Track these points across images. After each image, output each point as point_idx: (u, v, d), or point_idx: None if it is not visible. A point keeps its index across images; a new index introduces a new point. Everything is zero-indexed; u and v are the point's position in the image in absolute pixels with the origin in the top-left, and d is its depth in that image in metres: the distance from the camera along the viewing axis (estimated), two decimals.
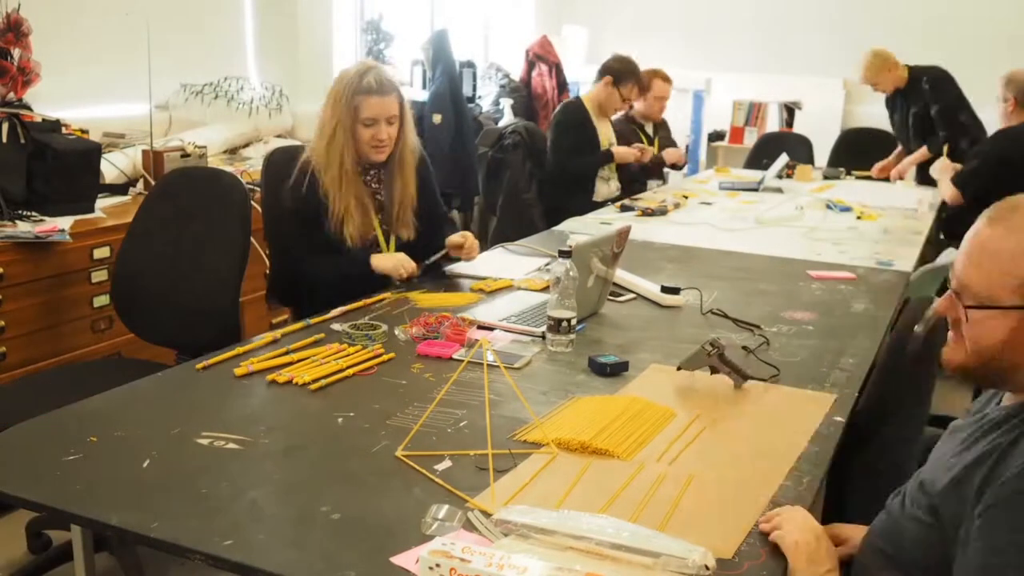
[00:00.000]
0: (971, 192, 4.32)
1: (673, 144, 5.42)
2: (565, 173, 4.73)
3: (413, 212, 2.69)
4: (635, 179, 5.07)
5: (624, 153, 4.81)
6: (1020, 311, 1.19)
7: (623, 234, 2.46)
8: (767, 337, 2.26)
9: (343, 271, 2.59)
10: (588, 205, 4.43)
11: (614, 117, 5.01)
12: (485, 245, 3.10)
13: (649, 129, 5.24)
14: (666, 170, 5.43)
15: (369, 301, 2.41)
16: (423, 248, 2.71)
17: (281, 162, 2.76)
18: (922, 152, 5.09)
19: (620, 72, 4.69)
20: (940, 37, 6.36)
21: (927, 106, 5.03)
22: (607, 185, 4.84)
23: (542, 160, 4.94)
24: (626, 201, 4.07)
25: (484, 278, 2.72)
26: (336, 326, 2.19)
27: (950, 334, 1.30)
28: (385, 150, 2.60)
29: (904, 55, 5.20)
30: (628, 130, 5.11)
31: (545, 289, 2.57)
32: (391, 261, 2.60)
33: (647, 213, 3.84)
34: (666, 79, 5.13)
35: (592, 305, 2.42)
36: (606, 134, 4.83)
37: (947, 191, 4.43)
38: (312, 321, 2.24)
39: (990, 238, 1.23)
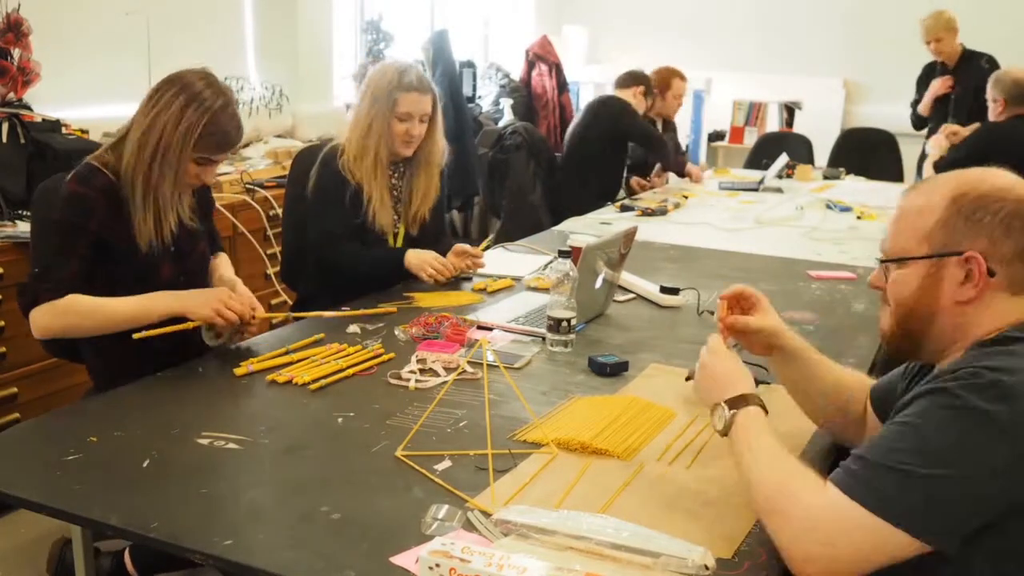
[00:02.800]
0: None
1: (678, 144, 5.43)
2: (661, 154, 4.90)
3: (428, 212, 2.74)
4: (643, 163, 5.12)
5: (692, 170, 4.95)
6: (927, 259, 1.28)
7: (630, 235, 2.46)
8: None
9: (375, 264, 2.64)
10: (596, 204, 4.43)
11: None
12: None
13: (659, 127, 5.25)
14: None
15: (379, 311, 2.38)
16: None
17: (311, 159, 2.76)
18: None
19: (646, 82, 4.85)
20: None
21: (979, 88, 4.88)
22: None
23: (546, 161, 4.94)
24: (626, 201, 4.07)
25: (486, 277, 2.73)
26: (352, 329, 2.20)
27: (881, 304, 1.39)
28: (413, 145, 2.64)
29: (904, 55, 5.21)
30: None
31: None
32: (417, 259, 2.61)
33: (647, 213, 3.84)
34: (683, 77, 5.18)
35: (599, 307, 2.42)
36: None
37: (928, 174, 4.47)
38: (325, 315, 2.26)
39: (904, 203, 1.34)
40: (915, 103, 5.68)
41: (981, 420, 1.14)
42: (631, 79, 4.85)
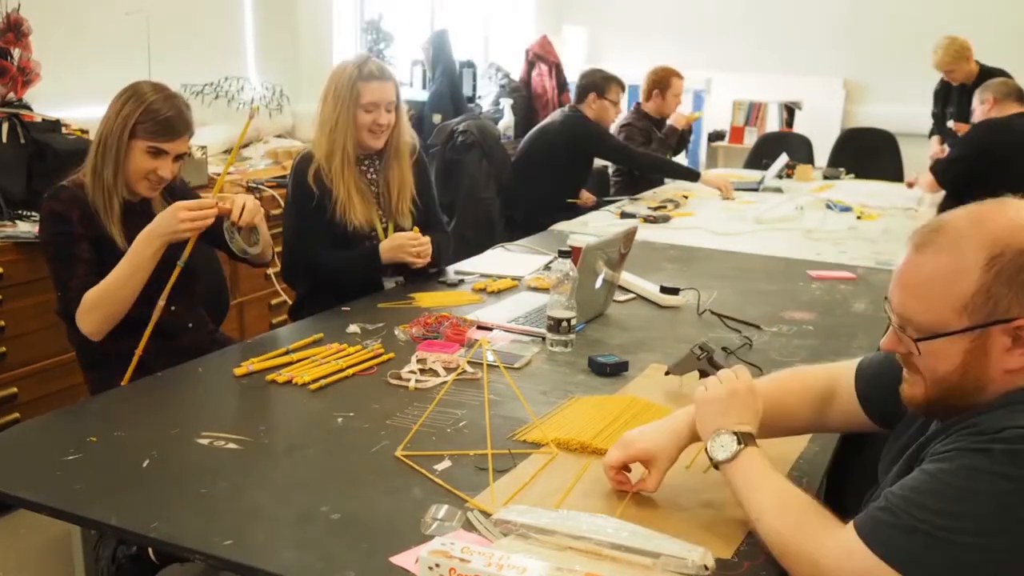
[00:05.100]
0: (949, 179, 4.36)
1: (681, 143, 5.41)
2: (639, 167, 4.82)
3: (412, 202, 2.70)
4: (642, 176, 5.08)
5: (716, 181, 4.74)
6: (970, 332, 1.15)
7: (630, 235, 2.46)
8: (751, 339, 2.24)
9: (353, 266, 2.61)
10: (546, 206, 4.37)
11: (621, 121, 5.01)
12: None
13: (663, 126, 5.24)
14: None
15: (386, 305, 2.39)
16: None
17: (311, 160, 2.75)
18: None
19: (596, 84, 4.65)
20: (939, 36, 6.35)
21: None
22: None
23: (498, 160, 4.89)
24: (627, 208, 4.06)
25: (487, 277, 2.73)
26: (352, 329, 2.20)
27: (904, 372, 1.26)
28: (382, 136, 2.62)
29: (903, 54, 5.21)
30: (646, 127, 5.09)
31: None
32: (391, 248, 2.57)
33: (649, 220, 3.80)
34: (680, 76, 5.16)
35: (599, 307, 2.42)
36: None
37: (925, 179, 4.47)
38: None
39: (921, 264, 1.18)
40: (934, 114, 5.68)
41: (1016, 489, 1.06)
42: (580, 92, 4.69)
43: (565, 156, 4.56)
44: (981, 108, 4.53)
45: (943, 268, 1.15)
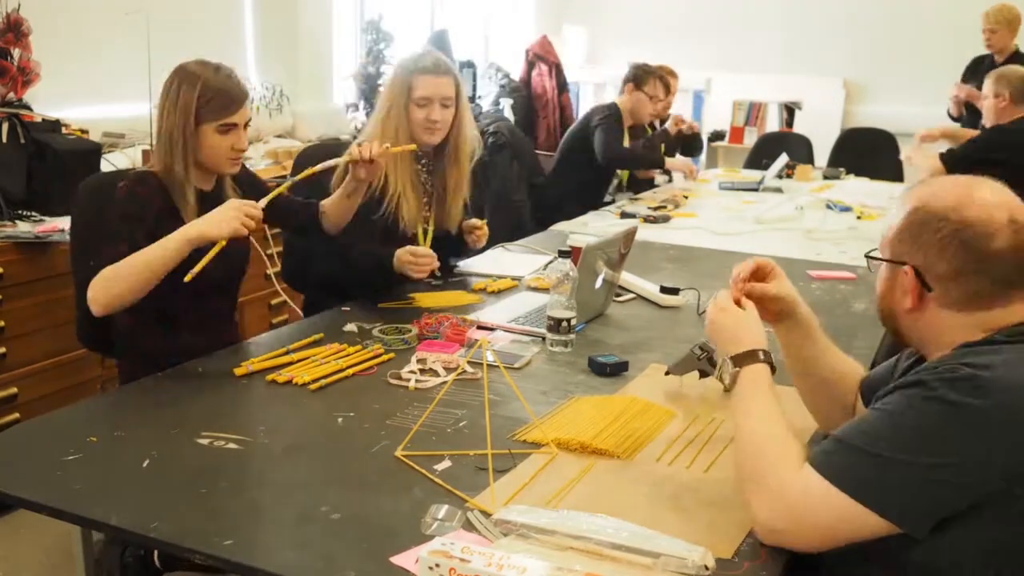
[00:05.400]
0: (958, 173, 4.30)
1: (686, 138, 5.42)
2: (618, 162, 4.80)
3: (464, 206, 2.64)
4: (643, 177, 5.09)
5: (679, 165, 4.89)
6: (888, 263, 1.36)
7: (630, 235, 2.46)
8: None
9: (364, 266, 2.49)
10: (578, 206, 4.41)
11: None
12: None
13: (655, 124, 5.24)
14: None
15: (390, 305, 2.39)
16: (451, 250, 2.69)
17: (312, 161, 2.69)
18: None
19: (637, 75, 4.74)
20: (940, 36, 6.36)
21: None
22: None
23: (528, 160, 4.91)
24: (627, 208, 4.05)
25: (487, 277, 2.73)
26: (349, 327, 2.19)
27: None
28: (439, 132, 2.52)
29: (903, 54, 5.21)
30: (638, 129, 5.11)
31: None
32: (397, 260, 2.45)
33: (649, 220, 3.80)
34: (674, 75, 5.17)
35: (599, 307, 2.42)
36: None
37: (928, 161, 4.39)
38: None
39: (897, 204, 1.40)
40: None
41: (953, 412, 1.18)
42: (623, 82, 4.82)
43: (582, 148, 4.64)
44: (995, 102, 4.31)
45: (896, 211, 1.37)
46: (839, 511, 1.20)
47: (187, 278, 1.91)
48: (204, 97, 2.04)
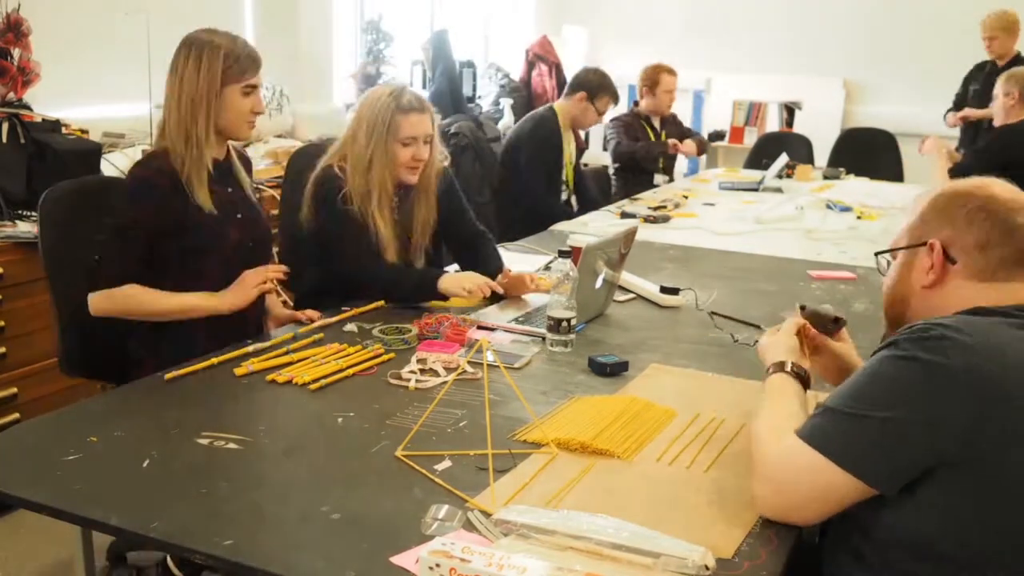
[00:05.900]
0: None
1: (689, 135, 5.37)
2: (527, 198, 4.29)
3: (430, 239, 2.57)
4: (642, 171, 5.04)
5: (686, 148, 4.93)
6: (905, 250, 1.44)
7: (630, 235, 2.46)
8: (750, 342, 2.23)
9: (412, 285, 2.43)
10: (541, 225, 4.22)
11: (608, 119, 4.93)
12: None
13: (656, 123, 5.23)
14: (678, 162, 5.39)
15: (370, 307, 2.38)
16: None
17: (306, 161, 2.66)
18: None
19: (594, 87, 4.41)
20: (940, 36, 6.36)
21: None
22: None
23: (489, 162, 4.80)
24: (627, 208, 4.05)
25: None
26: (349, 327, 2.19)
27: None
28: (419, 171, 2.47)
29: (903, 54, 5.20)
30: (636, 125, 5.10)
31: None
32: (455, 283, 2.38)
33: (649, 220, 3.80)
34: (671, 72, 5.12)
35: (599, 307, 2.42)
36: (569, 150, 4.52)
37: (940, 176, 4.40)
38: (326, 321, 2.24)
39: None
40: (957, 95, 5.66)
41: (920, 370, 1.21)
42: (573, 85, 4.43)
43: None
44: (1004, 100, 4.33)
45: (912, 208, 1.46)
46: (816, 473, 1.25)
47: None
48: (230, 58, 2.14)
